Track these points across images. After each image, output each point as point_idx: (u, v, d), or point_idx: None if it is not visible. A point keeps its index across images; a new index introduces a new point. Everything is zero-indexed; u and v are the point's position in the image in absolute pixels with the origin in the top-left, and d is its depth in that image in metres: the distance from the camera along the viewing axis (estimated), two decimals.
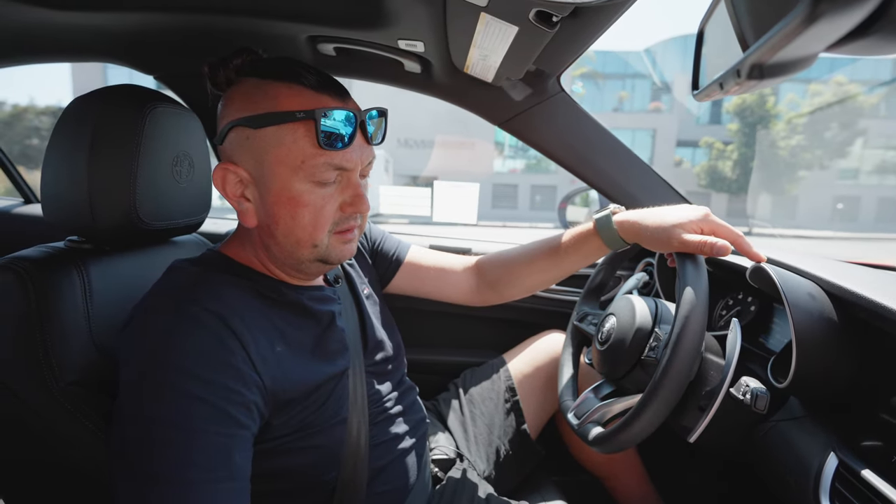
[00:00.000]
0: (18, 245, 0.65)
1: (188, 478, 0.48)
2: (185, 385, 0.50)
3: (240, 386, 0.53)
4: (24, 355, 0.56)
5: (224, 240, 0.70)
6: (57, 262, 0.61)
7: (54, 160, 0.64)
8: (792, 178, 21.54)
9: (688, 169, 24.75)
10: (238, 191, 0.61)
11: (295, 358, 0.62)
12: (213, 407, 0.51)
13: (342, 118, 0.58)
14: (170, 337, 0.52)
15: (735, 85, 0.35)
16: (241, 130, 0.59)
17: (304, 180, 0.59)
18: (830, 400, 0.62)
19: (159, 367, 0.51)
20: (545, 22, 0.59)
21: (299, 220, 0.60)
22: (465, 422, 0.99)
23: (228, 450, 0.51)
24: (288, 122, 0.57)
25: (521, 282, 0.90)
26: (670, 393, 0.59)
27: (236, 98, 0.60)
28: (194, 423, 0.49)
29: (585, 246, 0.80)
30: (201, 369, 0.51)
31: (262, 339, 0.58)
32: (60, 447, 0.57)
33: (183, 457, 0.49)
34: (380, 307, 0.85)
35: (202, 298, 0.56)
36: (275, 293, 0.64)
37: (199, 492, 0.48)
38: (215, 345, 0.53)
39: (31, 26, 0.88)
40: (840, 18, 0.24)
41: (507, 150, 24.30)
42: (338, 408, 0.66)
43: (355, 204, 0.62)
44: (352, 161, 0.60)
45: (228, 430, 0.51)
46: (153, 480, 0.48)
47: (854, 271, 0.69)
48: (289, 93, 0.58)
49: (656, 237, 0.70)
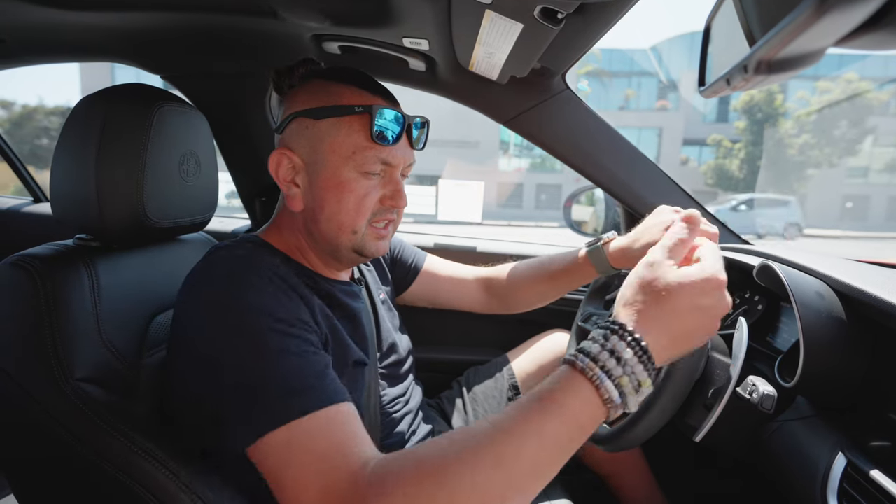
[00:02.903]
0: (28, 243, 0.66)
1: (313, 385, 0.51)
2: (274, 325, 0.54)
3: (308, 328, 0.58)
4: (34, 352, 0.57)
5: (228, 237, 0.71)
6: (66, 259, 0.61)
7: (63, 159, 0.65)
8: (800, 176, 21.33)
9: (694, 167, 24.57)
10: (290, 176, 0.66)
11: (333, 334, 0.65)
12: (302, 339, 0.55)
13: (392, 118, 0.64)
14: (238, 288, 0.56)
15: (742, 81, 0.34)
16: (303, 120, 0.65)
17: (352, 169, 0.64)
18: (838, 400, 0.62)
19: (245, 313, 0.54)
20: (550, 19, 0.59)
21: (344, 205, 0.64)
22: (469, 420, 0.99)
23: (327, 366, 0.56)
24: (346, 115, 0.63)
25: (526, 297, 0.96)
26: (677, 390, 0.59)
27: (301, 94, 0.66)
28: (293, 347, 0.53)
29: (580, 271, 0.87)
30: (276, 310, 0.55)
31: (314, 304, 0.62)
32: (70, 444, 0.58)
33: (298, 371, 0.52)
34: (394, 313, 0.88)
35: (258, 265, 0.59)
36: (311, 281, 0.67)
37: (326, 393, 0.52)
38: (282, 295, 0.57)
39: (41, 27, 0.89)
40: (849, 12, 0.24)
41: (513, 148, 24.25)
42: (354, 402, 0.66)
43: (395, 198, 0.67)
44: (397, 158, 0.66)
45: (320, 350, 0.57)
46: (282, 393, 0.50)
47: (864, 270, 0.68)
48: (349, 92, 0.65)
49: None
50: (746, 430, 0.67)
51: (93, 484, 0.60)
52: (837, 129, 20.84)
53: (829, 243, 16.11)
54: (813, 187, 21.85)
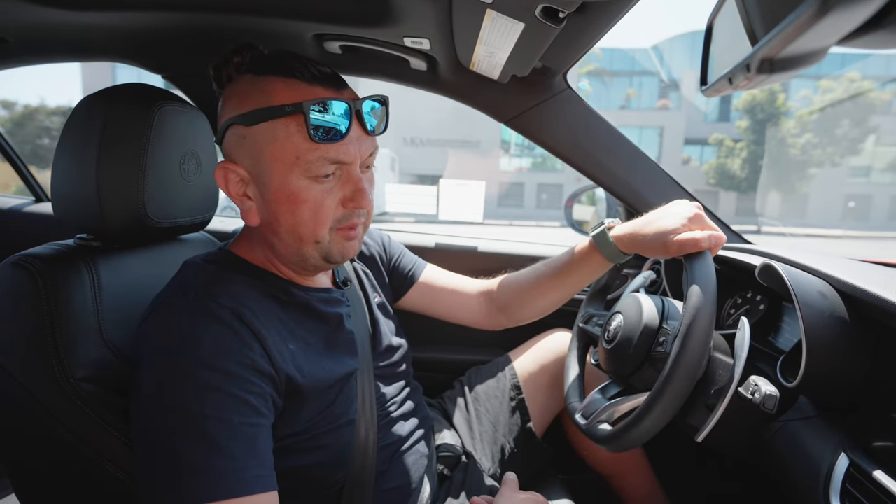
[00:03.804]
0: (29, 242, 0.66)
1: (217, 466, 0.49)
2: (207, 377, 0.51)
3: (258, 378, 0.54)
4: (36, 352, 0.57)
5: (231, 238, 0.71)
6: (67, 259, 0.61)
7: (64, 159, 0.65)
8: (802, 175, 21.27)
9: (696, 167, 24.52)
10: (240, 189, 0.61)
11: (307, 356, 0.62)
12: (234, 398, 0.52)
13: (335, 109, 0.56)
14: (189, 331, 0.53)
15: (744, 80, 0.34)
16: (237, 129, 0.59)
17: (300, 176, 0.58)
18: (841, 400, 0.61)
19: (181, 360, 0.52)
20: (551, 18, 0.59)
21: (300, 217, 0.59)
22: (471, 420, 0.99)
23: (254, 438, 0.52)
24: (278, 116, 0.56)
25: (530, 304, 0.91)
26: (680, 387, 0.58)
27: (232, 96, 0.60)
28: (219, 413, 0.50)
29: (587, 264, 0.81)
30: (221, 362, 0.52)
31: (275, 335, 0.59)
32: (72, 443, 0.58)
33: (210, 446, 0.49)
34: (392, 316, 0.87)
35: (218, 295, 0.57)
36: (284, 294, 0.65)
37: (229, 479, 0.49)
38: (233, 339, 0.54)
39: (44, 27, 0.89)
40: (852, 10, 0.23)
41: (514, 148, 24.23)
42: (345, 409, 0.66)
43: (356, 199, 0.60)
44: (349, 154, 0.59)
45: (251, 420, 0.52)
46: (181, 470, 0.48)
47: (866, 270, 0.68)
48: (282, 87, 0.57)
49: (653, 245, 0.71)
50: (748, 430, 0.67)
51: (94, 483, 0.60)
52: (840, 128, 20.78)
53: (831, 243, 16.07)
54: (815, 187, 21.80)
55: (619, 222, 0.79)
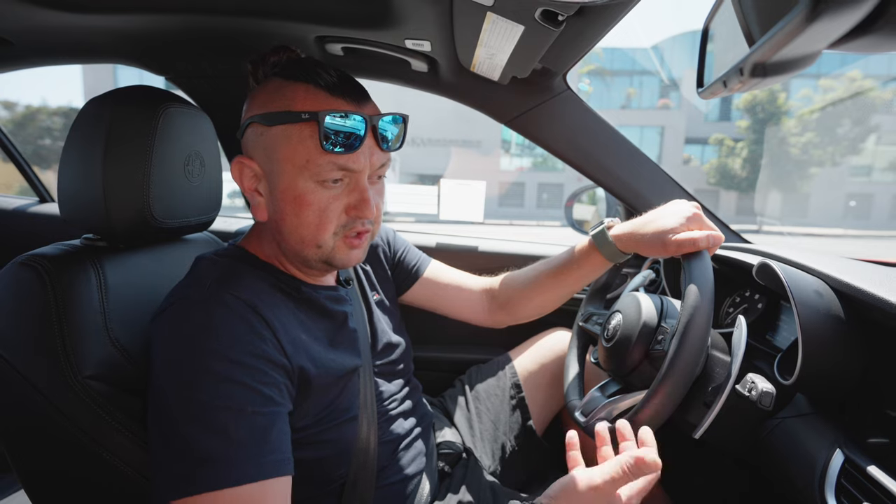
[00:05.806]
0: (35, 243, 0.67)
1: (229, 455, 0.50)
2: (221, 368, 0.53)
3: (271, 368, 0.56)
4: (44, 350, 0.57)
5: (238, 237, 0.72)
6: (74, 259, 0.62)
7: (71, 160, 0.65)
8: (803, 175, 21.24)
9: (697, 166, 24.49)
10: (252, 185, 0.64)
11: (317, 348, 0.64)
12: (247, 387, 0.53)
13: (350, 122, 0.58)
14: (205, 322, 0.55)
15: (738, 83, 0.35)
16: (257, 127, 0.62)
17: (308, 179, 0.60)
18: (837, 397, 0.62)
19: (196, 352, 0.53)
20: (551, 21, 0.60)
21: (303, 219, 0.61)
22: (471, 418, 1.00)
23: (267, 427, 0.54)
24: (295, 122, 0.58)
25: (531, 302, 0.92)
26: (678, 383, 0.59)
27: (259, 95, 0.63)
28: (231, 402, 0.52)
29: (587, 263, 0.83)
30: (236, 352, 0.54)
31: (288, 326, 0.61)
32: (80, 441, 0.59)
33: (226, 436, 0.51)
34: (391, 312, 0.87)
35: (233, 287, 0.59)
36: (294, 290, 0.67)
37: (239, 467, 0.50)
38: (248, 330, 0.56)
39: (49, 29, 0.90)
40: (840, 17, 0.24)
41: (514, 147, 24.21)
42: (348, 405, 0.67)
43: (359, 208, 0.62)
44: (358, 163, 0.60)
45: (266, 409, 0.54)
46: (198, 461, 0.50)
47: (863, 268, 0.68)
48: (304, 94, 0.60)
49: (652, 245, 0.72)
50: (745, 427, 0.67)
51: (103, 481, 0.61)
52: (840, 127, 20.75)
53: (832, 242, 16.04)
54: (816, 186, 21.76)
55: (618, 222, 0.80)
